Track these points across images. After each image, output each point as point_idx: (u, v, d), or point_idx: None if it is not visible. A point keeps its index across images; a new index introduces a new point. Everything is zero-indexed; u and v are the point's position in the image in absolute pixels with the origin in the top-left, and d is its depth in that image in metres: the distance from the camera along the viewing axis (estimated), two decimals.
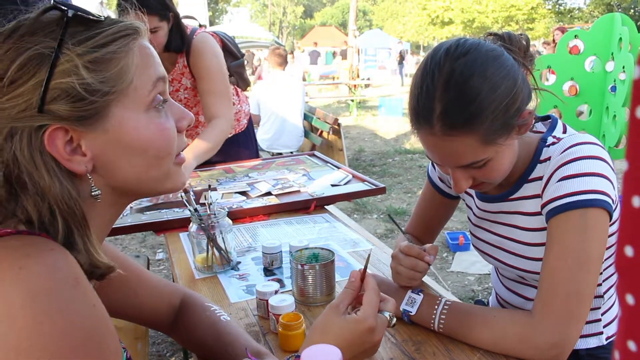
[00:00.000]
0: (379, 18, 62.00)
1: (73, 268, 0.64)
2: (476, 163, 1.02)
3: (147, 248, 4.31)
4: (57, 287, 0.60)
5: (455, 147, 1.00)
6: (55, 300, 0.59)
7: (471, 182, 1.08)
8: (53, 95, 0.65)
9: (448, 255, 4.05)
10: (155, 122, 0.74)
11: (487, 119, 0.97)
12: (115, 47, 0.69)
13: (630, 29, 3.99)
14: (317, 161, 2.62)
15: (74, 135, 0.68)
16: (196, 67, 2.34)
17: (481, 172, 1.05)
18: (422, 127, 1.01)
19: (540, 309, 1.02)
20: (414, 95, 1.03)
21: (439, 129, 0.98)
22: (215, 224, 1.44)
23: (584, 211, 1.02)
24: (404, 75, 22.30)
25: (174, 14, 2.24)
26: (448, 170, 1.08)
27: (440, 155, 1.04)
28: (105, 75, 0.67)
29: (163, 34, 2.21)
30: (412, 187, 6.09)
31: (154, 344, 2.91)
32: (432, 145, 1.03)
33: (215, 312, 1.08)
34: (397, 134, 9.75)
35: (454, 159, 1.03)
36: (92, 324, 0.62)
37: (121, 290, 0.99)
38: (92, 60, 0.67)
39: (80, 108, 0.66)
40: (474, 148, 1.00)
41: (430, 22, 37.33)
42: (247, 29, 17.61)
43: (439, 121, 0.98)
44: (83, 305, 0.62)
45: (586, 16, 32.77)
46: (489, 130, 0.98)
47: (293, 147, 5.53)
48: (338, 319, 0.87)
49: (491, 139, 0.99)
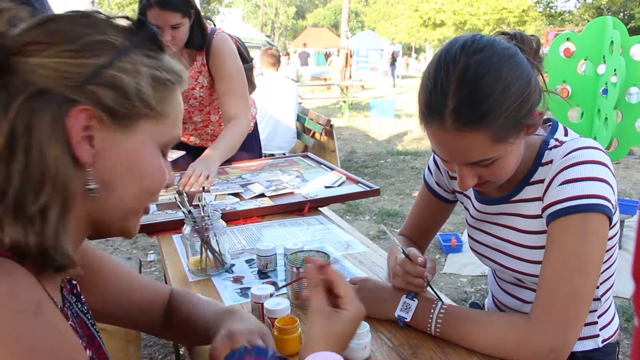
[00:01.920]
0: (371, 19, 62.17)
1: (34, 293, 0.60)
2: (485, 161, 1.02)
3: (138, 250, 4.28)
4: (14, 316, 0.57)
5: (465, 143, 0.99)
6: (12, 330, 0.56)
7: (477, 180, 1.07)
8: (103, 80, 0.66)
9: (440, 257, 4.06)
10: (160, 160, 0.76)
11: (500, 117, 0.96)
12: (171, 78, 0.74)
13: (621, 32, 4.02)
14: (310, 162, 2.61)
15: (95, 125, 0.66)
16: (216, 67, 2.37)
17: (488, 171, 1.05)
18: (433, 122, 1.00)
19: (539, 312, 1.02)
20: (426, 89, 1.01)
21: (450, 125, 0.97)
22: (209, 226, 1.43)
23: (585, 215, 1.01)
24: (395, 77, 22.36)
25: (195, 11, 2.27)
26: (454, 168, 1.07)
27: (449, 151, 1.03)
28: (159, 95, 0.72)
29: (185, 30, 2.24)
30: (404, 189, 6.10)
31: (146, 347, 2.89)
32: (443, 141, 1.02)
33: (202, 297, 1.09)
34: (389, 135, 9.77)
35: (463, 156, 1.02)
36: (55, 350, 0.59)
37: (111, 295, 0.98)
38: (152, 75, 0.71)
39: (122, 104, 0.68)
40: (484, 145, 0.99)
41: (422, 24, 37.42)
42: (240, 29, 17.60)
43: (451, 117, 0.96)
44: (44, 332, 0.58)
45: (577, 19, 32.96)
46: (500, 129, 0.97)
47: (286, 148, 5.52)
48: (336, 323, 0.87)
49: (502, 137, 0.99)
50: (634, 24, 26.45)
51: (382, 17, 59.02)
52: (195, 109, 2.53)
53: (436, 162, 1.41)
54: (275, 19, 62.28)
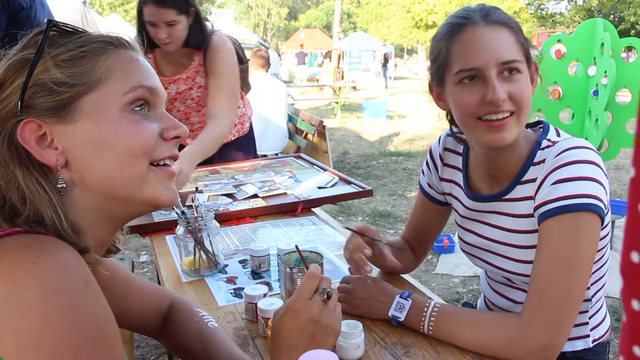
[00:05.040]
0: (363, 21, 62.25)
1: (83, 268, 0.65)
2: (515, 62, 1.07)
3: (130, 250, 4.26)
4: (69, 284, 0.61)
5: (499, 37, 1.08)
6: (67, 297, 0.60)
7: (506, 95, 1.07)
8: (31, 92, 0.70)
9: (433, 258, 4.07)
10: (129, 119, 0.75)
11: (516, 26, 1.11)
12: (88, 48, 0.74)
13: (611, 34, 4.05)
14: (303, 163, 2.62)
15: (47, 129, 0.71)
16: (210, 65, 2.35)
17: (515, 86, 1.08)
18: (465, 28, 1.09)
19: (530, 311, 1.03)
20: (449, 18, 1.15)
21: (482, 22, 1.09)
22: (203, 226, 1.43)
23: (577, 215, 1.02)
24: (387, 78, 22.39)
25: (195, 10, 2.25)
26: (487, 87, 1.07)
27: (483, 47, 1.08)
28: (74, 71, 0.72)
29: (182, 28, 2.22)
30: (396, 190, 6.11)
31: (138, 347, 2.88)
32: (477, 39, 1.08)
33: (203, 318, 1.07)
34: (382, 136, 9.78)
35: (498, 50, 1.07)
36: (101, 322, 0.63)
37: (109, 296, 0.98)
38: (64, 59, 0.72)
39: (51, 99, 0.71)
40: (513, 44, 1.09)
41: (414, 25, 37.49)
42: (232, 30, 17.56)
43: (482, 17, 1.09)
44: (93, 303, 0.63)
45: (567, 21, 33.17)
46: (518, 35, 1.10)
47: (277, 148, 5.53)
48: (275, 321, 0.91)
49: (521, 42, 1.10)
50: (623, 26, 26.67)
51: (375, 19, 59.09)
52: (192, 109, 2.50)
53: (428, 164, 1.42)
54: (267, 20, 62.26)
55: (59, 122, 0.72)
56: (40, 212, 0.69)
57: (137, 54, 0.79)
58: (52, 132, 0.72)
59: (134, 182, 0.75)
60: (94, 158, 0.73)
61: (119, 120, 0.74)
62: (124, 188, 0.75)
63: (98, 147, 0.73)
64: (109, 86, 0.74)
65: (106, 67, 0.74)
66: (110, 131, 0.73)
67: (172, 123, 0.80)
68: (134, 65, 0.77)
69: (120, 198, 0.76)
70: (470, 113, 1.09)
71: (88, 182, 0.74)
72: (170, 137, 0.79)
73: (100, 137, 0.73)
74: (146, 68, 0.79)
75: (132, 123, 0.75)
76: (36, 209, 0.69)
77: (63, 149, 0.72)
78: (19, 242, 0.64)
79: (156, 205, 0.79)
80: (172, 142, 0.79)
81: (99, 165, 0.73)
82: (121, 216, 0.80)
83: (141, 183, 0.76)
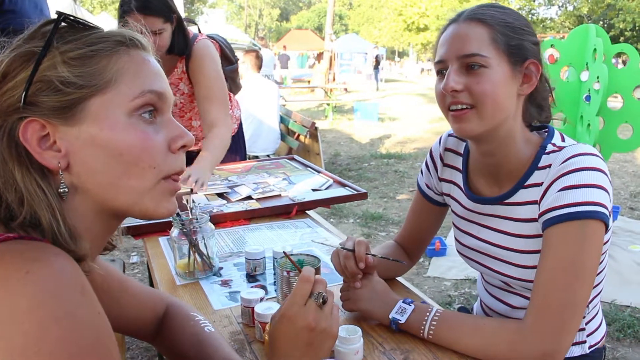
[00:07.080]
0: (355, 23, 62.33)
1: (79, 275, 0.63)
2: (476, 56, 1.08)
3: (120, 251, 4.23)
4: (64, 293, 0.59)
5: (468, 31, 1.11)
6: (62, 305, 0.58)
7: (461, 87, 1.09)
8: (35, 88, 0.67)
9: (424, 261, 4.07)
10: (136, 128, 0.72)
11: (499, 25, 1.10)
12: (99, 47, 0.71)
13: (604, 40, 4.07)
14: (296, 165, 2.60)
15: (50, 130, 0.69)
16: (195, 73, 2.32)
17: (475, 80, 1.08)
18: (448, 26, 1.15)
19: (533, 317, 1.02)
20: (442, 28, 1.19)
21: (462, 18, 1.13)
22: (198, 229, 1.41)
23: (583, 222, 1.02)
24: (379, 80, 22.42)
25: (177, 16, 2.22)
26: (450, 80, 1.10)
27: (451, 42, 1.12)
28: (83, 71, 0.69)
29: (167, 36, 2.19)
30: (388, 192, 6.11)
31: (128, 350, 2.85)
32: (449, 34, 1.13)
33: (199, 323, 1.05)
34: (373, 138, 9.79)
35: (460, 44, 1.10)
36: (98, 331, 0.61)
37: (103, 299, 0.96)
38: (74, 57, 0.69)
39: (56, 99, 0.68)
40: (482, 38, 1.09)
41: (405, 28, 37.67)
42: (223, 30, 17.51)
43: (465, 15, 1.13)
44: (89, 312, 0.61)
45: (558, 26, 33.41)
46: (498, 33, 1.10)
47: (270, 149, 5.51)
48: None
49: (498, 41, 1.09)
50: (613, 33, 26.89)
51: (366, 21, 59.19)
52: (175, 115, 2.47)
53: (427, 164, 1.42)
54: (259, 21, 62.21)
55: (63, 123, 0.69)
56: (37, 215, 0.67)
57: (148, 54, 0.77)
58: (55, 133, 0.69)
59: (138, 192, 0.73)
60: (98, 164, 0.70)
61: (126, 128, 0.71)
62: (126, 197, 0.73)
63: (102, 153, 0.70)
64: (117, 89, 0.71)
65: (116, 68, 0.71)
66: (115, 138, 0.70)
67: (178, 131, 0.77)
68: (144, 67, 0.75)
69: (119, 205, 0.74)
70: (440, 103, 1.17)
71: (89, 187, 0.72)
72: (178, 148, 0.76)
73: (105, 142, 0.70)
74: (156, 71, 0.77)
75: (138, 132, 0.72)
76: (34, 211, 0.67)
77: (66, 151, 0.69)
78: (13, 249, 0.63)
79: (153, 217, 0.77)
80: (179, 153, 0.77)
81: (102, 171, 0.71)
82: (117, 220, 0.78)
83: (145, 194, 0.74)
